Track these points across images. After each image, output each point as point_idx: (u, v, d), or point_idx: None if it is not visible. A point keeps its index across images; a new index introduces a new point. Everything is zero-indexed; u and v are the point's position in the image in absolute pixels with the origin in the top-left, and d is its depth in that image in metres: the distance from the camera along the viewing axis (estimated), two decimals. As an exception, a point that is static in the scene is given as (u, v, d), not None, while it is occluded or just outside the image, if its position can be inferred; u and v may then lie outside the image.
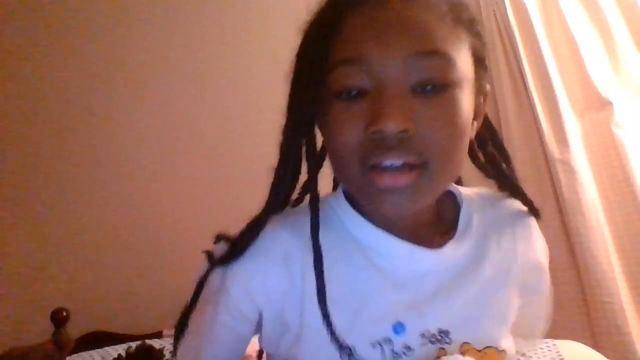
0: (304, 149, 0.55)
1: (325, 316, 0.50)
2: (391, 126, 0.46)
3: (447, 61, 0.48)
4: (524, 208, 0.65)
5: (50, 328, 1.61)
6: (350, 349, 0.50)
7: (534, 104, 2.03)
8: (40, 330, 1.61)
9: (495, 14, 2.16)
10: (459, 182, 0.68)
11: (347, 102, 0.50)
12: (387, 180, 0.48)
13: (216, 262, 0.56)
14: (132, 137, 1.93)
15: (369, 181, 0.50)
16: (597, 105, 1.96)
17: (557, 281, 1.90)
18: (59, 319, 1.62)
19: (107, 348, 1.59)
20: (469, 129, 0.52)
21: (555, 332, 1.85)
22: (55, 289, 1.76)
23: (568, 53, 2.03)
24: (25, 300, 1.74)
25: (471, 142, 0.59)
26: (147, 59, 1.97)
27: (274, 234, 0.56)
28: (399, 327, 0.52)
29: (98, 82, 1.91)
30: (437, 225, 0.60)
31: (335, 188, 0.67)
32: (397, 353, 0.51)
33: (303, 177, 0.59)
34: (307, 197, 0.60)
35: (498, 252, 0.60)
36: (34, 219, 1.80)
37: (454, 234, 0.59)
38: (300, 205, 0.63)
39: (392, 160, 0.48)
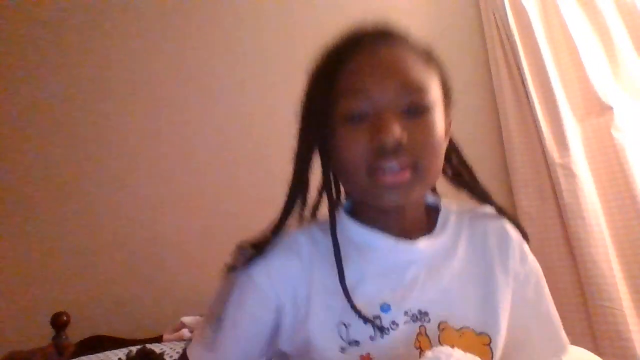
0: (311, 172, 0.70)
1: (345, 289, 0.65)
2: (391, 137, 0.61)
3: (424, 91, 0.65)
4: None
5: (50, 332, 1.61)
6: (361, 313, 0.64)
7: (535, 109, 2.03)
8: (40, 335, 1.61)
9: (495, 19, 2.16)
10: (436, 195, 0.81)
11: (353, 123, 0.65)
12: (389, 179, 0.63)
13: (243, 263, 0.69)
14: (133, 142, 1.93)
15: (374, 181, 0.64)
16: (597, 110, 1.96)
17: (557, 285, 1.95)
18: (59, 323, 1.62)
19: (107, 352, 1.58)
20: (444, 139, 0.69)
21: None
22: (55, 294, 1.76)
23: (568, 57, 2.03)
24: (25, 305, 1.74)
25: None
26: (149, 62, 1.98)
27: (292, 236, 0.72)
28: (385, 307, 0.67)
29: (97, 85, 1.92)
30: (421, 227, 0.74)
31: None
32: (385, 327, 0.65)
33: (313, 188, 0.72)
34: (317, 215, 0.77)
35: (470, 247, 0.74)
36: (35, 223, 1.80)
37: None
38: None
39: (391, 164, 0.63)
